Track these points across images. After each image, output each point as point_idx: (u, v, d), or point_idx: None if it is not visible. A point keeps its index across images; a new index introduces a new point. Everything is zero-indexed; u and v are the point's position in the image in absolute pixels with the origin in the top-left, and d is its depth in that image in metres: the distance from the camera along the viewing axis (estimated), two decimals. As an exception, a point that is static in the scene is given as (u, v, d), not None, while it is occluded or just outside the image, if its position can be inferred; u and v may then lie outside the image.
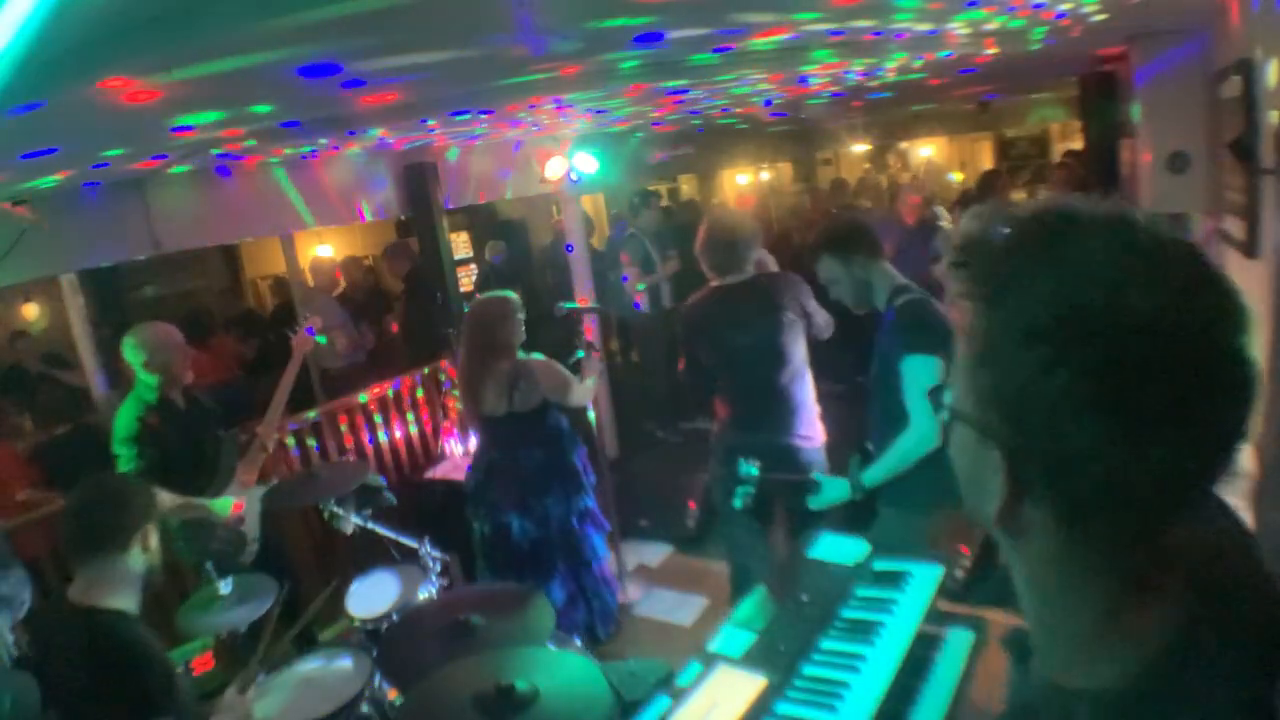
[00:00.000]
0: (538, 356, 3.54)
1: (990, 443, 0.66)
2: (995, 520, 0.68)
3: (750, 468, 2.65)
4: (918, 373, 2.52)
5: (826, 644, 1.83)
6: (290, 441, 4.52)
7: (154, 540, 2.15)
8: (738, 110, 5.63)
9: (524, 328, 3.52)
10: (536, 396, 3.45)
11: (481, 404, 3.48)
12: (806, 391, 3.28)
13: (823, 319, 3.29)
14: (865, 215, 6.67)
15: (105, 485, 2.19)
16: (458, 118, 3.87)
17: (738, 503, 2.68)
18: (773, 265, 3.57)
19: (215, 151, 3.53)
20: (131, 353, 3.25)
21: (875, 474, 2.61)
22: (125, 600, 2.06)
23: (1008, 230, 0.67)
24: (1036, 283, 0.62)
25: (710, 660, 1.76)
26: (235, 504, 3.33)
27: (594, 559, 3.71)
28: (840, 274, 2.67)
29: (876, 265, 2.66)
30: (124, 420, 3.23)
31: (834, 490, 2.70)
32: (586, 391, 3.67)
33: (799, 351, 3.24)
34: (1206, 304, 0.60)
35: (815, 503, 2.72)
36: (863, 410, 2.83)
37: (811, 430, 3.27)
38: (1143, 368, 0.58)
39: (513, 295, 3.56)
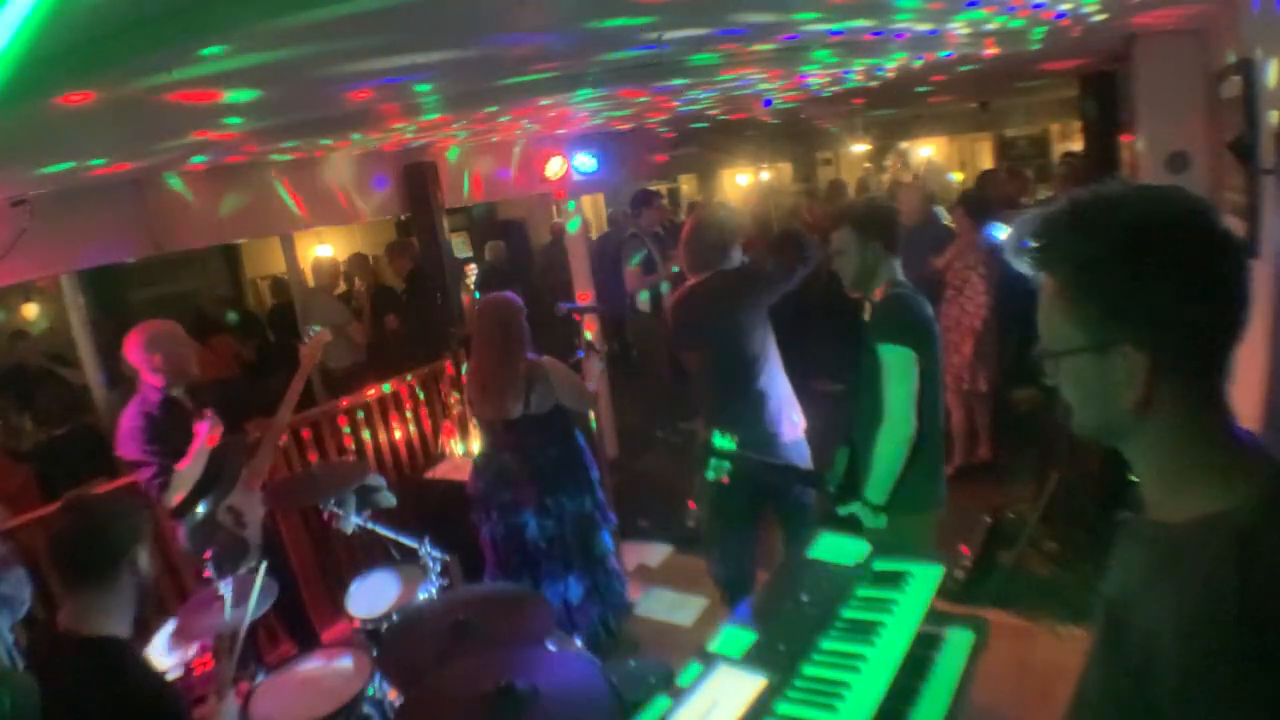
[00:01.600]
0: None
1: (1120, 348, 0.89)
2: (1132, 407, 0.90)
3: (726, 441, 2.59)
4: (890, 362, 2.54)
5: (826, 644, 1.82)
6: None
7: (144, 561, 2.04)
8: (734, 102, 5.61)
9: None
10: (551, 399, 3.41)
11: (499, 407, 3.40)
12: (778, 386, 3.25)
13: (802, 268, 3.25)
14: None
15: (89, 512, 2.03)
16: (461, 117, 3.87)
17: (710, 474, 2.60)
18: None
19: (214, 151, 3.53)
20: (138, 354, 3.15)
21: (875, 489, 2.59)
22: (118, 625, 1.97)
23: (1075, 201, 0.93)
24: (1120, 215, 0.90)
25: (710, 660, 1.75)
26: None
27: (605, 554, 3.70)
28: (852, 249, 2.68)
29: (888, 259, 2.69)
30: (129, 421, 3.15)
31: (865, 518, 2.63)
32: (593, 396, 3.67)
33: (766, 346, 3.22)
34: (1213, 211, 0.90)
35: (871, 522, 2.62)
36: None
37: (784, 426, 3.23)
38: (1208, 249, 0.88)
39: (514, 296, 3.55)
